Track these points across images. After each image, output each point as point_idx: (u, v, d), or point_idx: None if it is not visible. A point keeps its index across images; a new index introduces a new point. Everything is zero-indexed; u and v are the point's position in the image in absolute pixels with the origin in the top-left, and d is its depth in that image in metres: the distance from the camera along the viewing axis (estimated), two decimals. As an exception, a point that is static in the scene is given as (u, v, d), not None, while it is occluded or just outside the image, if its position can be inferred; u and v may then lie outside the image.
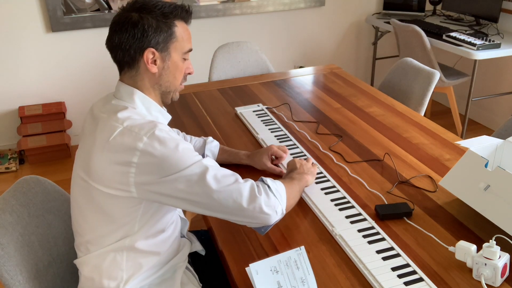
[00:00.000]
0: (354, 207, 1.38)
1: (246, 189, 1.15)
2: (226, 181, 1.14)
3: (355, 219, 1.33)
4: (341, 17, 4.02)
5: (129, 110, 1.15)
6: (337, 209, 1.37)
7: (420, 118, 1.98)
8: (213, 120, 2.00)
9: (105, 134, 1.11)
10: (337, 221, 1.32)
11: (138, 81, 1.20)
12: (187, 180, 1.10)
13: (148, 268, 1.22)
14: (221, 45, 2.73)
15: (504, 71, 3.56)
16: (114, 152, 1.08)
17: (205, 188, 1.11)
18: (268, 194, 1.19)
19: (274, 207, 1.18)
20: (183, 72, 1.25)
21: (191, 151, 1.13)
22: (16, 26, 3.17)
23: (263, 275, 1.07)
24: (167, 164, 1.08)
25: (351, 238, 1.25)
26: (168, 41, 1.18)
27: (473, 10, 3.49)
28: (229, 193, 1.13)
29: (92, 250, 1.20)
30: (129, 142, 1.08)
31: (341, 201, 1.41)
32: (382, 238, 1.25)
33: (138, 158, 1.07)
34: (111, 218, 1.15)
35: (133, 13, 1.15)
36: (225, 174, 1.15)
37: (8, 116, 3.39)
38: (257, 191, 1.17)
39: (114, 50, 1.17)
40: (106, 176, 1.10)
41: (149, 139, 1.08)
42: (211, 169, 1.13)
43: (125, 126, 1.10)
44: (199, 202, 1.12)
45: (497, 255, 1.08)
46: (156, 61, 1.18)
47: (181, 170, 1.09)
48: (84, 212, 1.18)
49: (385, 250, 1.21)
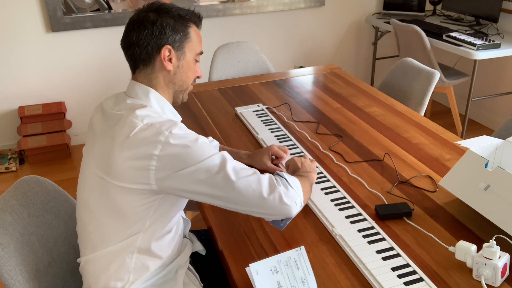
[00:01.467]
0: (354, 207, 1.38)
1: (265, 180, 1.18)
2: (245, 172, 1.17)
3: (355, 219, 1.33)
4: (341, 17, 4.02)
5: (147, 108, 1.18)
6: (337, 209, 1.37)
7: (420, 118, 1.98)
8: (213, 120, 2.00)
9: (125, 131, 1.12)
10: (337, 221, 1.32)
11: (152, 79, 1.23)
12: (207, 171, 1.12)
13: (153, 269, 1.22)
14: (221, 45, 2.73)
15: (504, 71, 3.57)
16: (135, 147, 1.10)
17: (225, 178, 1.13)
18: (286, 186, 1.22)
19: (293, 198, 1.20)
20: (195, 73, 1.30)
21: (209, 145, 1.17)
22: (16, 26, 3.17)
23: (263, 275, 1.07)
24: (188, 156, 1.11)
25: (351, 238, 1.25)
26: (183, 41, 1.23)
27: (473, 10, 3.49)
28: (249, 183, 1.15)
29: (100, 248, 1.20)
30: (150, 136, 1.10)
31: (341, 201, 1.41)
32: (382, 238, 1.25)
33: (160, 151, 1.09)
34: (124, 215, 1.16)
35: (151, 13, 1.21)
36: (244, 166, 1.19)
37: (8, 116, 3.39)
38: (276, 183, 1.20)
39: (131, 47, 1.21)
40: (127, 172, 1.11)
41: (170, 133, 1.11)
42: (230, 160, 1.16)
43: (145, 123, 1.13)
44: (219, 193, 1.15)
45: (497, 255, 1.08)
46: (171, 59, 1.22)
47: (202, 160, 1.12)
48: (95, 210, 1.18)
49: (385, 250, 1.21)
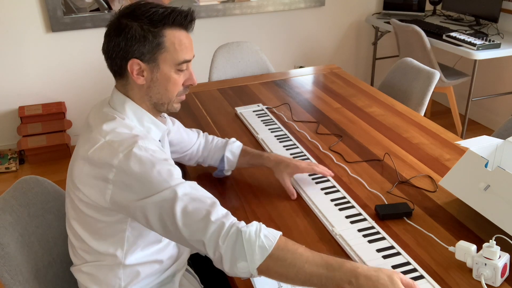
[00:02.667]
0: (354, 207, 1.38)
1: (210, 231, 0.99)
2: (194, 215, 1.00)
3: (355, 219, 1.33)
4: (341, 17, 4.02)
5: (116, 121, 1.10)
6: (337, 209, 1.37)
7: (420, 118, 1.98)
8: (213, 120, 2.00)
9: (87, 146, 1.08)
10: (337, 221, 1.32)
11: (129, 90, 1.14)
12: (155, 207, 1.01)
13: (147, 275, 1.20)
14: (221, 45, 2.73)
15: (504, 71, 3.57)
16: (93, 166, 1.05)
17: (172, 219, 1.00)
18: (235, 243, 0.98)
19: (235, 261, 0.98)
20: (179, 84, 1.15)
21: (169, 174, 1.04)
22: (16, 26, 3.17)
23: (263, 275, 1.07)
24: (139, 186, 1.02)
25: (351, 237, 1.25)
26: (155, 52, 1.09)
27: (473, 10, 3.49)
28: (194, 231, 1.00)
29: (88, 259, 1.18)
30: (106, 158, 1.03)
31: (341, 201, 1.41)
32: (382, 237, 1.25)
33: (114, 176, 1.02)
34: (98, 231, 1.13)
35: (122, 19, 1.08)
36: (197, 207, 1.01)
37: (8, 116, 3.39)
38: (220, 238, 0.98)
39: (105, 57, 1.13)
40: (88, 188, 1.07)
41: (125, 156, 1.02)
42: (182, 198, 1.01)
43: (106, 140, 1.06)
44: (167, 231, 1.03)
45: (497, 255, 1.08)
46: (143, 72, 1.10)
47: (152, 195, 1.01)
48: (75, 226, 1.17)
49: (386, 249, 1.21)
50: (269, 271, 0.98)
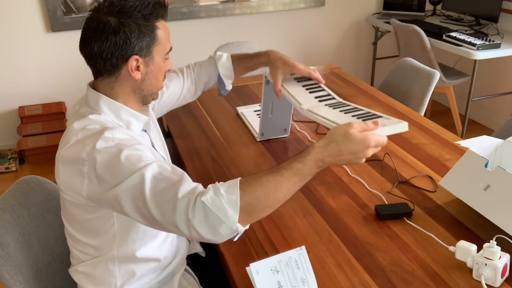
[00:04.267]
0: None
1: (179, 208, 0.98)
2: (163, 195, 0.99)
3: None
4: (341, 17, 4.02)
5: (87, 119, 1.09)
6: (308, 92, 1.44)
7: (420, 118, 1.98)
8: (213, 120, 2.00)
9: (62, 144, 1.09)
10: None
11: (116, 87, 1.13)
12: (127, 193, 1.00)
13: (143, 274, 1.20)
14: (221, 45, 2.73)
15: (504, 71, 3.57)
16: (66, 164, 1.07)
17: (144, 203, 1.00)
18: (205, 213, 0.97)
19: (214, 226, 0.98)
20: (164, 72, 1.19)
21: (137, 158, 1.03)
22: (16, 26, 3.17)
23: (264, 275, 1.07)
24: (110, 175, 1.01)
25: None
26: (151, 45, 1.11)
27: (473, 10, 3.49)
28: (164, 213, 0.99)
29: (84, 259, 1.19)
30: (75, 153, 1.04)
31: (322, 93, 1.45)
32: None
33: (87, 169, 1.03)
34: (88, 229, 1.14)
35: (111, 18, 1.06)
36: (165, 187, 0.99)
37: (8, 116, 3.39)
38: (189, 212, 0.97)
39: (93, 58, 1.09)
40: (68, 187, 1.08)
41: (91, 148, 1.02)
42: (151, 180, 1.00)
43: (78, 138, 1.06)
44: (142, 216, 1.02)
45: (497, 256, 1.08)
46: (139, 67, 1.11)
47: (122, 181, 1.00)
48: (66, 225, 1.19)
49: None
50: (251, 215, 1.01)
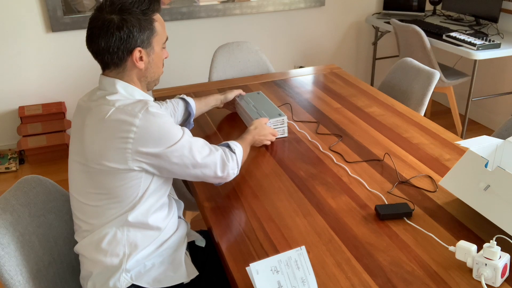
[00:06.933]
0: None
1: (219, 159, 1.33)
2: (204, 152, 1.29)
3: None
4: (341, 17, 4.02)
5: (117, 94, 1.24)
6: None
7: (420, 118, 1.98)
8: (213, 120, 2.01)
9: (99, 116, 1.18)
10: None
11: (124, 76, 1.27)
12: (179, 154, 1.23)
13: (148, 243, 1.27)
14: (221, 45, 2.73)
15: (504, 71, 3.57)
16: (111, 130, 1.17)
17: (192, 160, 1.26)
18: (234, 160, 1.39)
19: (234, 170, 1.39)
20: (163, 60, 1.33)
21: (177, 126, 1.25)
22: (16, 26, 3.17)
23: (264, 275, 1.07)
24: (162, 138, 1.19)
25: None
26: (151, 37, 1.25)
27: (473, 10, 3.49)
28: (208, 164, 1.30)
29: (93, 230, 1.25)
30: (125, 119, 1.16)
31: None
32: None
33: (135, 134, 1.16)
34: (113, 195, 1.21)
35: (114, 16, 1.20)
36: (201, 144, 1.30)
37: (8, 116, 3.39)
38: (226, 159, 1.35)
39: (101, 53, 1.23)
40: (105, 154, 1.17)
41: (143, 114, 1.17)
42: (194, 142, 1.27)
43: (117, 107, 1.18)
44: (185, 169, 1.27)
45: (497, 256, 1.08)
46: (142, 58, 1.25)
47: (173, 144, 1.21)
48: (85, 196, 1.24)
49: None
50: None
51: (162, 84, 3.57)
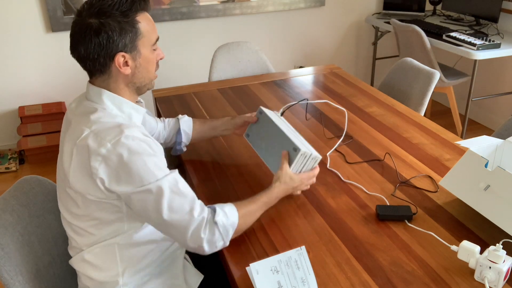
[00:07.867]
0: None
1: (193, 227, 1.13)
2: (179, 211, 1.12)
3: None
4: (341, 17, 4.02)
5: (98, 112, 1.14)
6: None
7: (420, 118, 1.98)
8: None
9: (73, 136, 1.12)
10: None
11: (111, 83, 1.18)
12: (140, 199, 1.10)
13: (143, 256, 1.23)
14: (221, 45, 2.73)
15: (504, 71, 3.57)
16: (80, 156, 1.09)
17: (158, 212, 1.11)
18: (213, 233, 1.16)
19: (215, 244, 1.18)
20: (155, 62, 1.22)
21: (156, 165, 1.11)
22: (16, 26, 3.17)
23: (264, 275, 1.07)
24: (126, 176, 1.08)
25: None
26: (135, 40, 1.13)
27: (473, 10, 3.49)
28: (176, 226, 1.13)
29: (82, 248, 1.21)
30: (93, 147, 1.08)
31: None
32: None
33: (100, 164, 1.07)
34: (96, 219, 1.16)
35: (92, 20, 1.10)
36: (181, 203, 1.12)
37: (8, 116, 3.39)
38: (202, 231, 1.14)
39: (83, 60, 1.14)
40: (79, 181, 1.11)
41: (113, 146, 1.07)
42: (168, 194, 1.11)
43: (92, 130, 1.10)
44: (148, 219, 1.14)
45: (502, 259, 1.08)
46: (127, 62, 1.15)
47: (139, 187, 1.09)
48: (71, 216, 1.20)
49: None
50: (236, 233, 1.23)
51: (162, 84, 3.57)
